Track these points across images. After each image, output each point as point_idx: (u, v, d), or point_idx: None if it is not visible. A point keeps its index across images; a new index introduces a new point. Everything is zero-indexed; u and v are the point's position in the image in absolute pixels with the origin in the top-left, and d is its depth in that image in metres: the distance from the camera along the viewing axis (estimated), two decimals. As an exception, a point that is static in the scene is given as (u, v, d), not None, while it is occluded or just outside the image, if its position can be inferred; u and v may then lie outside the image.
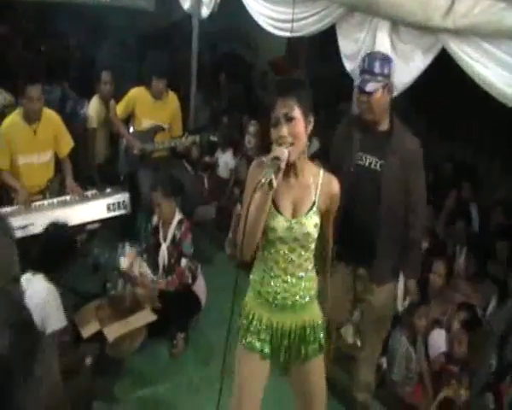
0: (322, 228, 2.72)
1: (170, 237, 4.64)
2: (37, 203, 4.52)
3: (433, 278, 4.71)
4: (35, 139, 4.71)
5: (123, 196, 4.77)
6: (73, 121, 5.68)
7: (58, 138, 4.89)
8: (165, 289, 4.51)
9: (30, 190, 4.73)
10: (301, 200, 2.63)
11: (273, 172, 2.36)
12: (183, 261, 4.54)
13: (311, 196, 2.64)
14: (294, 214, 2.63)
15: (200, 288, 4.73)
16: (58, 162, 4.99)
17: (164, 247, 4.67)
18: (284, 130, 2.47)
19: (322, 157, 6.20)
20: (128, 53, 7.67)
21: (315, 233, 2.65)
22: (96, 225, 4.62)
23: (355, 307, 3.99)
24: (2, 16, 7.69)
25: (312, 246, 2.69)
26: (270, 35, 5.88)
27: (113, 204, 4.69)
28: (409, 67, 3.98)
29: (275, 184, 2.37)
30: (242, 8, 5.68)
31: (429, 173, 5.95)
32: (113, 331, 4.08)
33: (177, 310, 4.52)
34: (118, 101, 5.72)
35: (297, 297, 2.72)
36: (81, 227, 4.51)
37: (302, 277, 2.72)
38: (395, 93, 3.83)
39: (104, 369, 3.98)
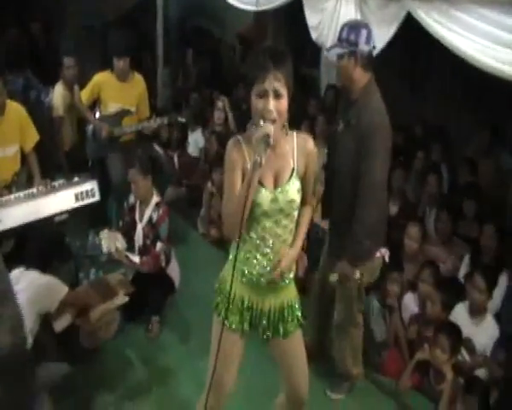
0: (304, 191, 2.71)
1: (146, 218, 4.64)
2: (4, 198, 4.47)
3: (408, 243, 4.72)
4: (0, 132, 4.64)
5: (91, 185, 4.73)
6: (38, 110, 5.61)
7: (23, 131, 4.82)
8: (139, 269, 4.53)
9: (-4, 185, 4.68)
10: (281, 168, 2.62)
11: (264, 149, 2.35)
12: (159, 245, 4.54)
13: (289, 162, 2.63)
14: (276, 185, 2.62)
15: (173, 270, 4.75)
16: (24, 155, 4.92)
17: (139, 227, 4.67)
18: (271, 104, 2.41)
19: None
20: (93, 37, 7.60)
21: (298, 198, 2.66)
22: (64, 216, 4.59)
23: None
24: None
25: (296, 213, 2.69)
26: (236, 8, 5.85)
27: (81, 193, 4.64)
28: (377, 36, 3.95)
29: (263, 161, 2.35)
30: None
31: (399, 135, 6.05)
32: (86, 320, 4.06)
33: (150, 293, 4.56)
34: (84, 87, 5.68)
35: (280, 279, 2.73)
36: (50, 219, 4.47)
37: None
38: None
39: (80, 358, 4.00)
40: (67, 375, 3.60)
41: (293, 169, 2.64)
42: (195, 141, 7.11)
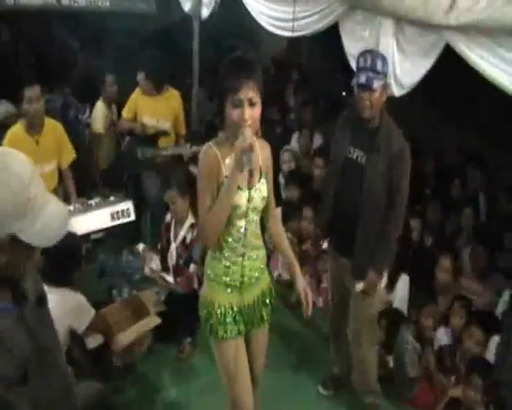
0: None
1: (180, 238, 4.67)
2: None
3: (440, 275, 4.65)
4: (37, 150, 4.71)
5: (126, 204, 4.81)
6: (75, 129, 5.71)
7: (60, 149, 4.91)
8: (173, 289, 4.56)
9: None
10: (254, 168, 2.69)
11: (249, 159, 2.47)
12: (192, 266, 4.57)
13: (258, 162, 2.73)
14: (251, 184, 2.72)
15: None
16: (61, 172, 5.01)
17: (173, 246, 4.70)
18: (247, 113, 2.51)
19: (323, 152, 6.26)
20: (130, 56, 7.69)
21: (267, 194, 2.81)
22: (100, 234, 4.64)
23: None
24: (3, 25, 7.69)
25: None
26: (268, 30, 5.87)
27: (117, 212, 4.72)
28: (415, 66, 3.99)
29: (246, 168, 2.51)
30: (243, 7, 5.68)
31: (435, 162, 5.97)
32: (118, 340, 4.09)
33: (183, 314, 4.52)
34: (122, 104, 5.76)
35: (259, 272, 2.87)
36: (86, 237, 4.53)
37: (260, 247, 2.86)
38: (404, 91, 3.98)
39: (112, 377, 4.01)
40: (100, 394, 3.60)
41: (261, 168, 2.77)
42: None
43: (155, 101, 5.58)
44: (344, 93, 8.66)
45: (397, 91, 4.03)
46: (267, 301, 2.97)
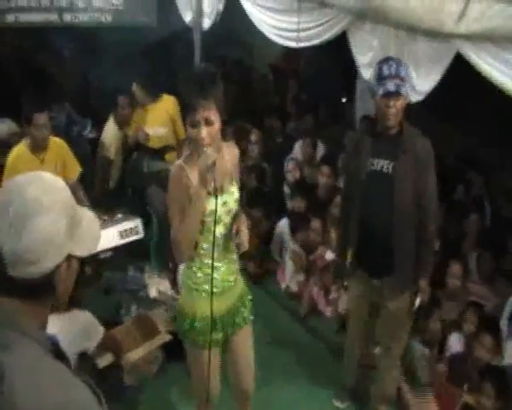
0: None
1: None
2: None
3: (451, 281, 4.64)
4: (43, 168, 4.63)
5: (135, 222, 4.76)
6: (80, 145, 5.66)
7: (66, 165, 4.88)
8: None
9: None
10: (223, 174, 2.75)
11: (212, 176, 2.56)
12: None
13: (227, 168, 2.82)
14: (223, 190, 2.78)
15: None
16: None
17: (181, 265, 4.63)
18: (204, 132, 2.58)
19: (331, 161, 6.23)
20: (129, 68, 7.65)
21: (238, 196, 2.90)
22: (109, 253, 4.59)
23: (372, 316, 3.94)
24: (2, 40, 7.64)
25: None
26: (267, 38, 5.85)
27: (126, 230, 4.66)
28: (429, 73, 3.98)
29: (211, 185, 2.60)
30: (243, 14, 5.66)
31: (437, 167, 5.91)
32: (127, 358, 4.06)
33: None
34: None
35: (235, 276, 2.97)
36: (94, 256, 4.48)
37: (234, 249, 2.89)
38: (420, 98, 3.99)
39: (122, 396, 3.98)
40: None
41: (231, 172, 2.86)
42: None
43: (151, 109, 5.60)
44: (344, 100, 8.67)
45: (413, 98, 4.00)
46: (246, 301, 3.07)
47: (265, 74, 9.57)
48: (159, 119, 5.61)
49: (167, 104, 5.65)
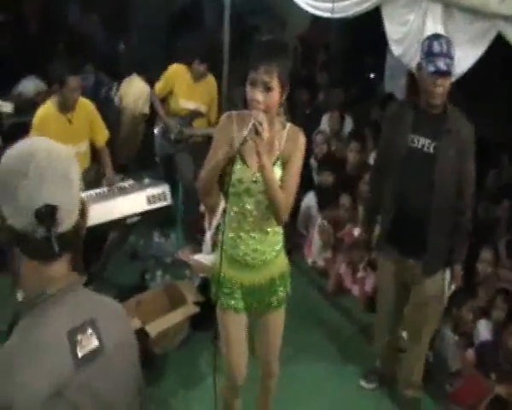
0: (284, 180, 2.75)
1: (214, 224, 4.54)
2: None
3: (482, 267, 4.55)
4: (70, 129, 4.62)
5: (163, 188, 4.67)
6: (107, 108, 5.58)
7: (94, 128, 4.82)
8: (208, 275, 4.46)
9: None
10: (263, 149, 2.60)
11: (254, 134, 2.46)
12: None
13: (275, 149, 2.71)
14: (255, 165, 2.67)
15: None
16: (93, 152, 4.91)
17: (208, 235, 4.58)
18: (260, 96, 2.53)
19: (358, 136, 6.14)
20: (156, 33, 7.55)
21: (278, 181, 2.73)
22: (136, 219, 4.52)
23: (402, 299, 3.84)
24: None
25: None
26: (296, 8, 5.73)
27: (153, 196, 4.58)
28: (464, 54, 3.86)
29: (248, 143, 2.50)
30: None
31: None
32: (155, 327, 4.02)
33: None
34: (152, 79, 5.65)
35: (266, 255, 2.85)
36: (122, 221, 4.42)
37: (269, 232, 2.81)
38: (454, 79, 3.71)
39: (148, 365, 3.94)
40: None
41: (278, 158, 2.72)
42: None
43: (196, 85, 5.51)
44: (372, 75, 8.54)
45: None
46: (277, 289, 2.96)
47: (295, 46, 9.42)
48: (200, 97, 5.57)
49: (210, 84, 5.63)
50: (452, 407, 4.06)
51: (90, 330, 1.42)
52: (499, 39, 3.81)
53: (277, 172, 2.72)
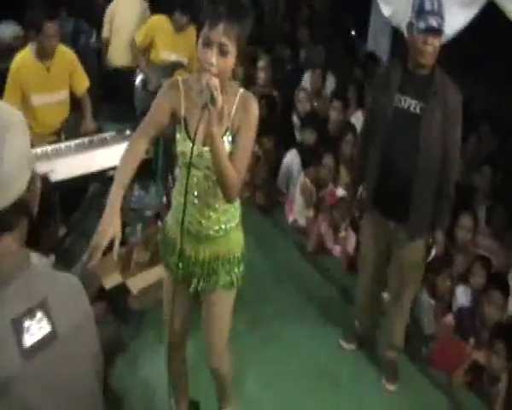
0: (235, 154, 2.48)
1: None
2: (54, 147, 4.30)
3: (461, 234, 4.56)
4: (49, 77, 4.51)
5: (143, 140, 4.55)
6: (87, 55, 5.43)
7: (73, 76, 4.70)
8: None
9: (44, 131, 4.59)
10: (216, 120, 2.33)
11: (210, 102, 2.21)
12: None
13: (225, 120, 2.39)
14: (206, 143, 2.42)
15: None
16: (73, 102, 4.78)
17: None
18: (213, 59, 2.23)
19: (340, 95, 6.08)
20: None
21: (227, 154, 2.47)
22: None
23: (384, 261, 3.85)
24: None
25: None
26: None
27: (134, 148, 4.45)
28: (454, 17, 3.83)
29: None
30: None
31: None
32: (136, 283, 3.96)
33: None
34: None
35: (211, 231, 2.65)
36: (102, 173, 4.30)
37: (217, 208, 2.61)
38: (444, 40, 3.70)
39: (126, 321, 3.90)
40: (116, 337, 3.48)
41: (227, 129, 2.46)
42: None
43: (177, 36, 5.46)
44: (353, 33, 8.43)
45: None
46: (221, 269, 2.74)
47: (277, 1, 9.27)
48: (181, 48, 5.50)
49: (191, 35, 5.49)
50: (430, 369, 4.12)
51: (39, 314, 1.28)
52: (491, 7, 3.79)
53: (226, 145, 2.46)
